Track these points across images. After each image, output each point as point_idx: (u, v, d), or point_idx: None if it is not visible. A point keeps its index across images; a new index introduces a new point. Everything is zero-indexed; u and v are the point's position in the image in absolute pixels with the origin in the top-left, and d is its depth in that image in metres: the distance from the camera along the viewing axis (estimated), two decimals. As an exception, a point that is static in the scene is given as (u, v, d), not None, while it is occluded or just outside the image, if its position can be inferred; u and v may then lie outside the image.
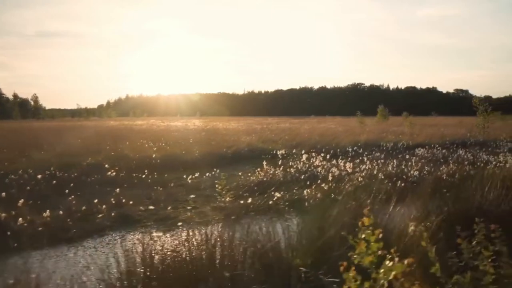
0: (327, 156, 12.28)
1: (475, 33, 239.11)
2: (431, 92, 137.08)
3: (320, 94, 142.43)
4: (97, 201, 7.00)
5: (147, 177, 9.86)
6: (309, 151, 13.26)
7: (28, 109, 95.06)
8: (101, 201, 7.08)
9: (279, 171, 9.69)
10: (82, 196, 7.80)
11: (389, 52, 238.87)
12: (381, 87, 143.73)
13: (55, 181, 8.83)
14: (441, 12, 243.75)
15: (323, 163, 10.51)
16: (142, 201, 7.74)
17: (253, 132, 24.80)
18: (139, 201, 7.68)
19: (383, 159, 11.87)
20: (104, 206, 6.91)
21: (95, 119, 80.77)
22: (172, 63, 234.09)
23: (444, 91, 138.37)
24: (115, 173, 9.92)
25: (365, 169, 9.61)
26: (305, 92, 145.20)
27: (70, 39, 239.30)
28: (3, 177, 8.91)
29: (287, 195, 7.53)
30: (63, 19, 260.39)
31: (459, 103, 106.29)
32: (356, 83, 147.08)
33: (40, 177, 8.87)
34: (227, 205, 6.93)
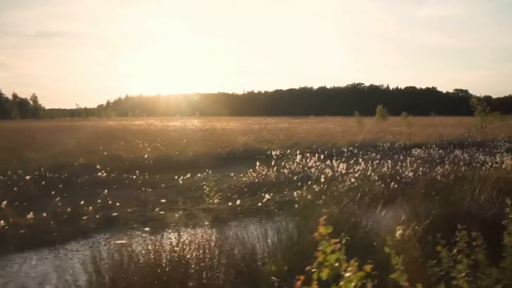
0: (322, 156, 12.15)
1: (475, 33, 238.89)
2: (431, 92, 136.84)
3: (320, 94, 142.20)
4: (83, 202, 6.87)
5: (138, 178, 9.73)
6: (305, 152, 13.13)
7: (27, 109, 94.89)
8: (88, 203, 6.95)
9: (272, 172, 9.56)
10: (70, 197, 7.68)
11: (389, 52, 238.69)
12: (380, 87, 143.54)
13: (44, 182, 8.71)
14: (441, 12, 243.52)
15: (317, 163, 10.38)
16: (130, 203, 7.61)
17: (250, 132, 24.67)
18: (128, 203, 7.55)
19: (379, 160, 11.74)
20: (90, 207, 6.78)
21: (94, 119, 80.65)
22: (172, 63, 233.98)
23: (444, 91, 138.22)
24: (105, 174, 9.80)
25: (359, 170, 9.48)
26: (305, 92, 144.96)
27: (70, 39, 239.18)
28: (-9, 178, 8.79)
29: (277, 196, 7.40)
30: (63, 19, 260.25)
31: (459, 103, 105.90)
32: (356, 83, 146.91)
33: (28, 178, 8.74)
34: (215, 207, 6.79)
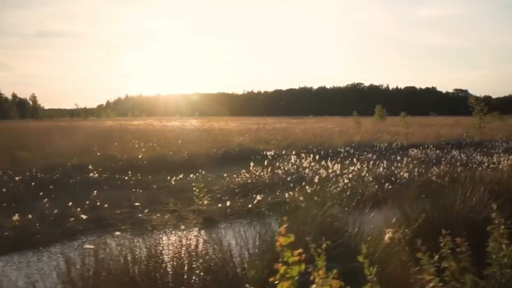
0: (318, 157, 12.03)
1: (475, 33, 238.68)
2: (431, 92, 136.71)
3: (319, 94, 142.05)
4: (71, 204, 6.75)
5: (130, 178, 9.62)
6: (300, 152, 13.03)
7: (26, 109, 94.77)
8: (76, 204, 6.83)
9: (266, 173, 9.45)
10: (59, 198, 7.57)
11: (389, 52, 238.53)
12: (380, 87, 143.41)
13: (34, 183, 8.60)
14: (441, 12, 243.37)
15: (312, 164, 10.27)
16: (120, 204, 7.51)
17: (248, 132, 24.56)
18: (118, 204, 7.45)
19: (375, 160, 11.62)
20: (78, 209, 6.67)
21: (93, 119, 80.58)
22: (172, 63, 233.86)
23: (443, 91, 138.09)
24: (97, 175, 9.69)
25: (354, 170, 9.36)
26: (305, 92, 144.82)
27: (70, 39, 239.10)
28: (-19, 179, 8.68)
29: (269, 197, 7.29)
30: (63, 19, 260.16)
31: (458, 103, 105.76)
32: (355, 83, 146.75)
33: (18, 178, 8.64)
34: (205, 208, 6.68)
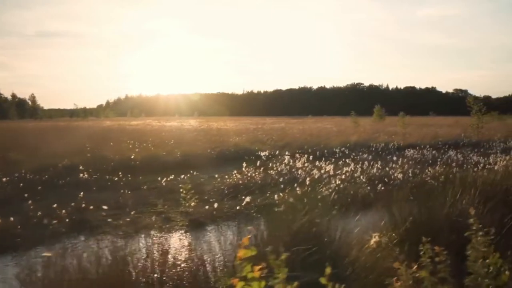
0: (313, 157, 11.88)
1: (475, 33, 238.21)
2: (431, 92, 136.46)
3: (319, 94, 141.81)
4: (56, 205, 6.61)
5: (121, 179, 9.48)
6: (295, 152, 12.90)
7: (26, 109, 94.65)
8: (62, 206, 6.69)
9: (258, 174, 9.31)
10: (46, 199, 7.45)
11: (389, 52, 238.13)
12: (380, 87, 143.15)
13: (22, 184, 8.46)
14: (441, 12, 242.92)
15: (305, 165, 10.13)
16: (107, 205, 7.36)
17: (245, 132, 24.43)
18: (105, 205, 7.30)
19: (370, 161, 11.48)
20: (63, 211, 6.53)
21: (92, 119, 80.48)
22: (172, 63, 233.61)
23: (443, 91, 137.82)
24: (87, 176, 9.55)
25: (347, 171, 9.22)
26: (304, 92, 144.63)
27: (70, 39, 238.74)
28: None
29: (258, 199, 7.15)
30: (63, 19, 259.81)
31: (458, 103, 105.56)
32: (355, 83, 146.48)
33: (6, 180, 8.50)
34: (192, 210, 6.55)
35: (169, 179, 9.30)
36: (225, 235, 3.68)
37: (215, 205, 6.43)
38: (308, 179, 8.17)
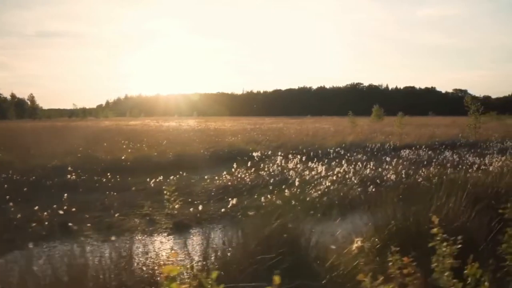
0: (306, 158, 11.72)
1: (475, 33, 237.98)
2: (430, 92, 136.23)
3: (319, 94, 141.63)
4: (37, 208, 6.46)
5: (109, 180, 9.32)
6: (289, 153, 12.74)
7: (25, 109, 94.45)
8: (44, 208, 6.54)
9: (248, 175, 9.16)
10: (31, 201, 7.27)
11: (389, 52, 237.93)
12: (380, 87, 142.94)
13: (7, 185, 8.30)
14: (441, 12, 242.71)
15: (297, 166, 9.97)
16: (93, 207, 7.22)
17: (242, 132, 24.27)
18: (90, 207, 7.16)
19: (364, 161, 11.32)
20: (45, 213, 6.38)
21: (91, 119, 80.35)
22: (172, 63, 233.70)
23: (443, 91, 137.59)
24: (75, 176, 9.39)
25: (340, 172, 9.07)
26: (304, 92, 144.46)
27: (70, 39, 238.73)
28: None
29: (245, 201, 6.99)
30: (63, 19, 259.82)
31: (458, 103, 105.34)
32: (355, 83, 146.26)
33: (-10, 181, 8.35)
34: (177, 212, 6.39)
35: (158, 180, 9.14)
36: (205, 238, 3.52)
37: (200, 207, 6.28)
38: (297, 180, 8.01)
